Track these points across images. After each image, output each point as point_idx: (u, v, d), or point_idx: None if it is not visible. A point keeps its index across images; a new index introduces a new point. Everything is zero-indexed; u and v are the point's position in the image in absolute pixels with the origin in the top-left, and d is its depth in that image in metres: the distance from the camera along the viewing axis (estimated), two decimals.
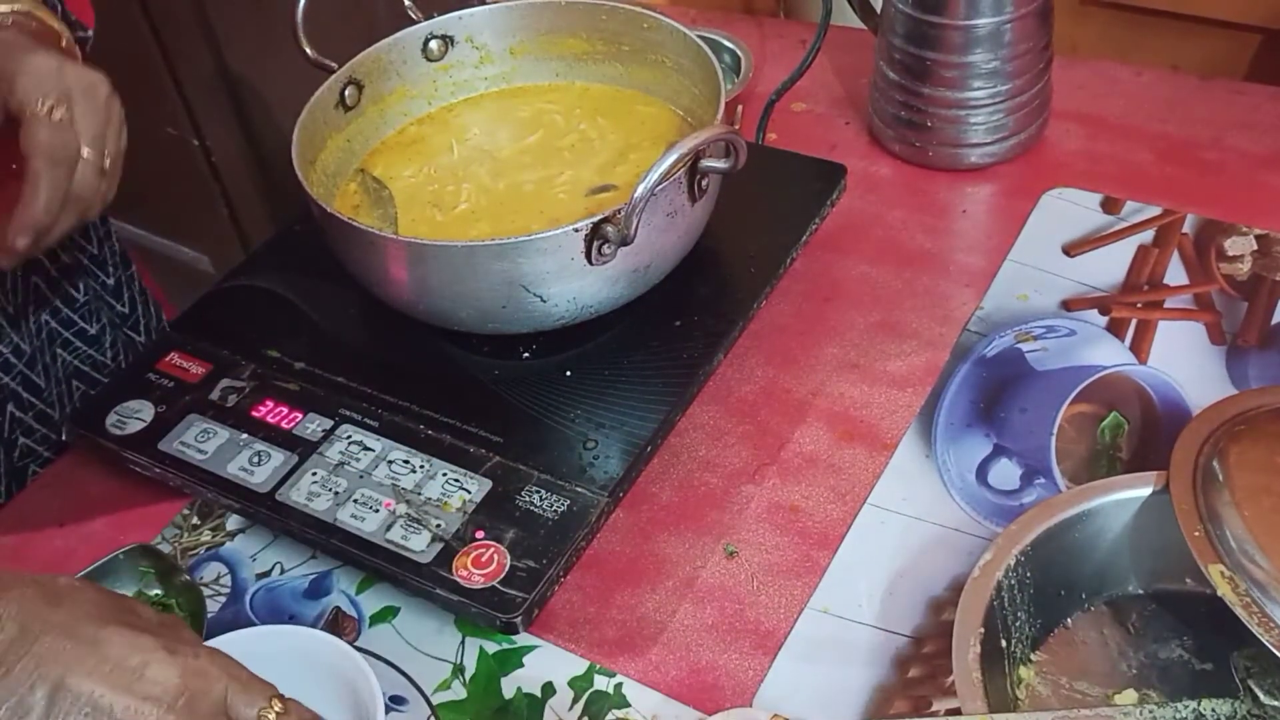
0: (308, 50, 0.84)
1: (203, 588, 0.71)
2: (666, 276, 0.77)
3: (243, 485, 0.72)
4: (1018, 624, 0.62)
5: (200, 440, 0.75)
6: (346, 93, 0.85)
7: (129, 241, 1.89)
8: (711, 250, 0.81)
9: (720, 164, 0.72)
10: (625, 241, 0.69)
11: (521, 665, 0.67)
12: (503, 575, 0.66)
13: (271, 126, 1.66)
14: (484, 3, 0.91)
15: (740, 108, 1.01)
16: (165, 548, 0.74)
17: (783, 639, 0.66)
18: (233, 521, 0.76)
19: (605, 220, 0.69)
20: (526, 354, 0.78)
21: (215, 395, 0.78)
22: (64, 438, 0.82)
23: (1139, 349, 0.78)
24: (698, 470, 0.75)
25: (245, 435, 0.75)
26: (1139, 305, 0.81)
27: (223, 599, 0.72)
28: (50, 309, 0.87)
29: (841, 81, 1.04)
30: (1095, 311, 0.81)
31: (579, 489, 0.70)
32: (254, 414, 0.76)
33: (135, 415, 0.77)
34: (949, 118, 0.91)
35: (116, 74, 0.71)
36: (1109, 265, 0.84)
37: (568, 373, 0.77)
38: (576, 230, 0.69)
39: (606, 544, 0.72)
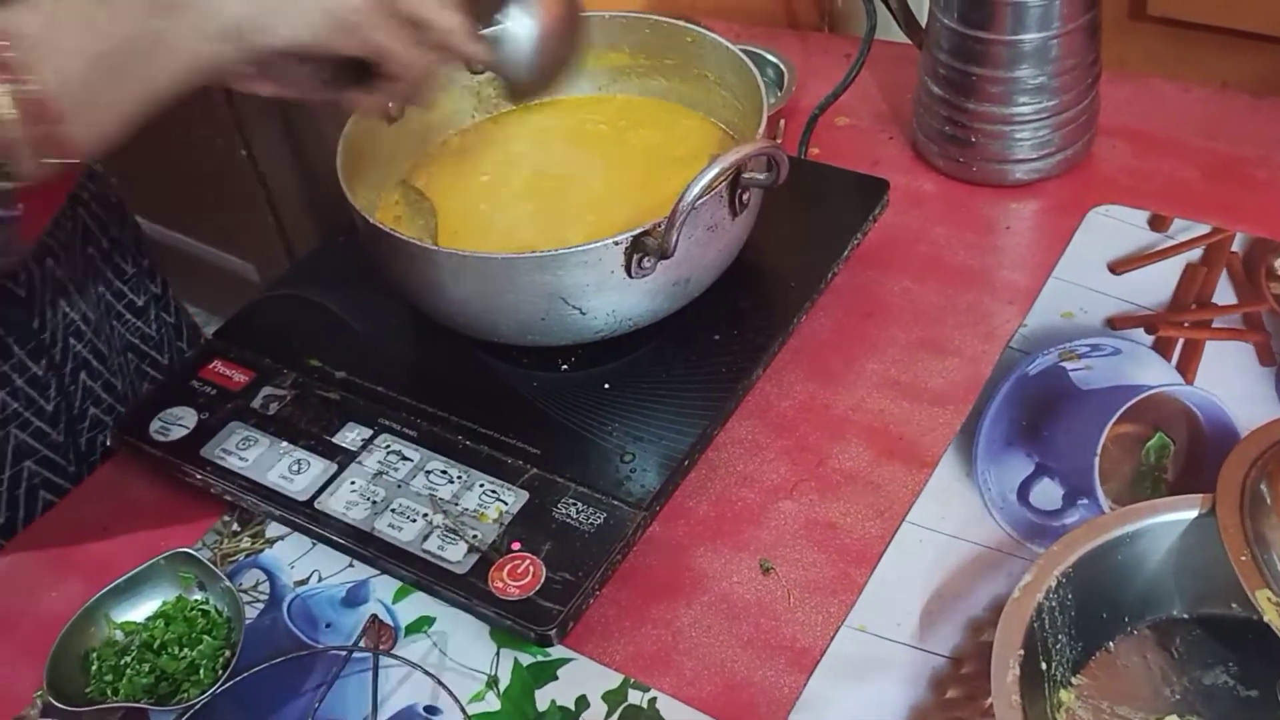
0: None
1: (241, 594, 0.72)
2: (706, 290, 0.77)
3: (282, 493, 0.73)
4: (1058, 646, 0.62)
5: (241, 448, 0.76)
6: (391, 104, 0.85)
7: (175, 250, 1.92)
8: (752, 264, 0.81)
9: (762, 178, 0.72)
10: (665, 255, 0.69)
11: (556, 678, 0.67)
12: (538, 587, 0.66)
13: (317, 138, 1.68)
14: None
15: (783, 122, 1.00)
16: (205, 554, 0.74)
17: (819, 657, 0.66)
18: (272, 529, 0.76)
19: (645, 233, 0.69)
20: (565, 366, 0.78)
21: (257, 403, 0.78)
22: (109, 442, 0.83)
23: (1186, 369, 0.77)
24: (735, 485, 0.75)
25: (285, 443, 0.76)
26: (1186, 324, 0.79)
27: (261, 605, 0.72)
28: (104, 280, 0.90)
29: (885, 96, 1.03)
30: (1141, 330, 0.80)
31: (616, 502, 0.70)
32: (294, 422, 0.77)
33: (179, 422, 0.78)
34: (994, 133, 0.90)
35: None
36: (1156, 283, 0.83)
37: (606, 385, 0.77)
38: (616, 243, 0.69)
39: (642, 557, 0.71)
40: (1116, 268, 0.85)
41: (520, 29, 0.66)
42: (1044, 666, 0.61)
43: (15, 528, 0.81)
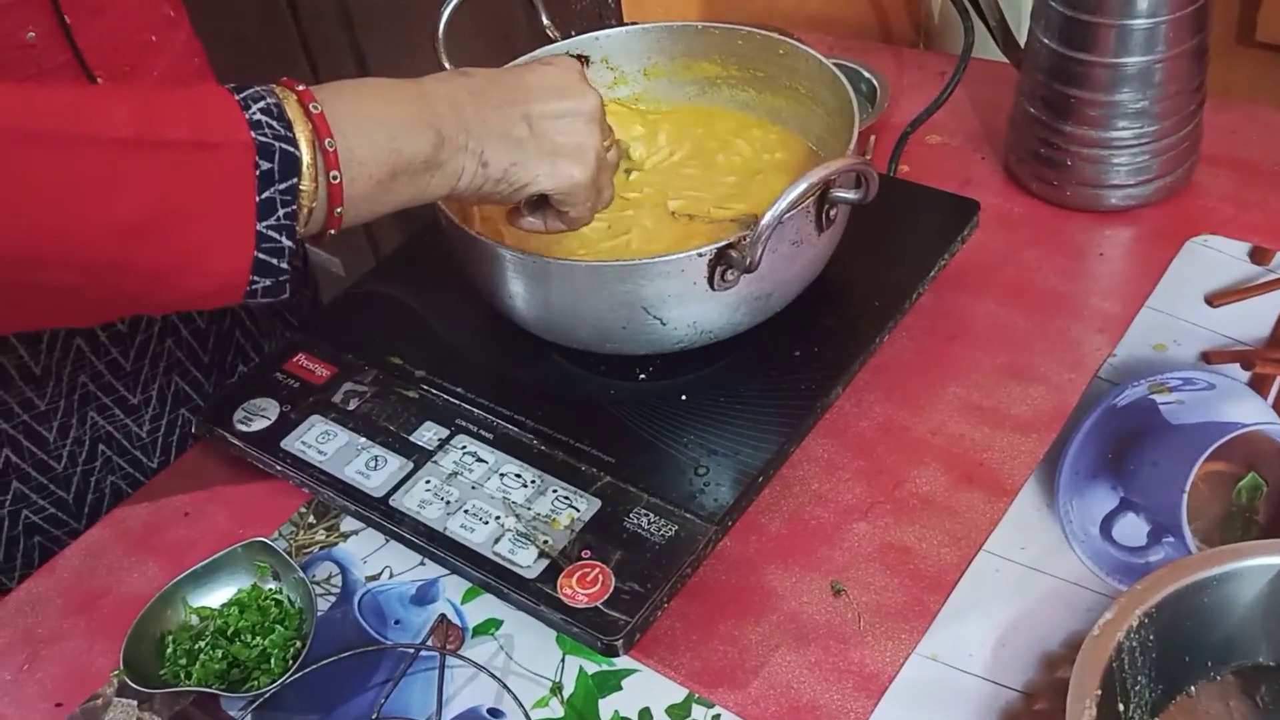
0: (447, 65, 0.85)
1: (314, 586, 0.73)
2: (789, 305, 0.77)
3: (358, 488, 0.74)
4: (1137, 688, 0.60)
5: (321, 441, 0.77)
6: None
7: None
8: (836, 281, 0.80)
9: (850, 195, 0.71)
10: (749, 268, 0.69)
11: (620, 688, 0.67)
12: (607, 596, 0.66)
13: None
14: (622, 24, 0.92)
15: (873, 138, 0.99)
16: (281, 544, 0.75)
17: (887, 683, 0.65)
18: (347, 523, 0.77)
19: (730, 246, 0.69)
20: (643, 375, 0.78)
21: (338, 398, 0.79)
22: (193, 430, 0.85)
23: None
24: (809, 504, 0.74)
25: (364, 439, 0.76)
26: None
27: (333, 598, 0.73)
28: None
29: (979, 115, 1.02)
30: (1237, 366, 0.77)
31: (688, 515, 0.69)
32: (373, 419, 0.78)
33: (261, 413, 0.79)
34: (1090, 157, 0.88)
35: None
36: (1254, 318, 0.80)
37: (683, 397, 0.76)
38: (700, 255, 0.69)
39: (712, 572, 0.71)
40: (1213, 300, 0.82)
41: None
42: (1121, 708, 0.59)
43: None
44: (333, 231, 0.63)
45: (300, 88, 0.61)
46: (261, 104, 0.59)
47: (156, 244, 0.57)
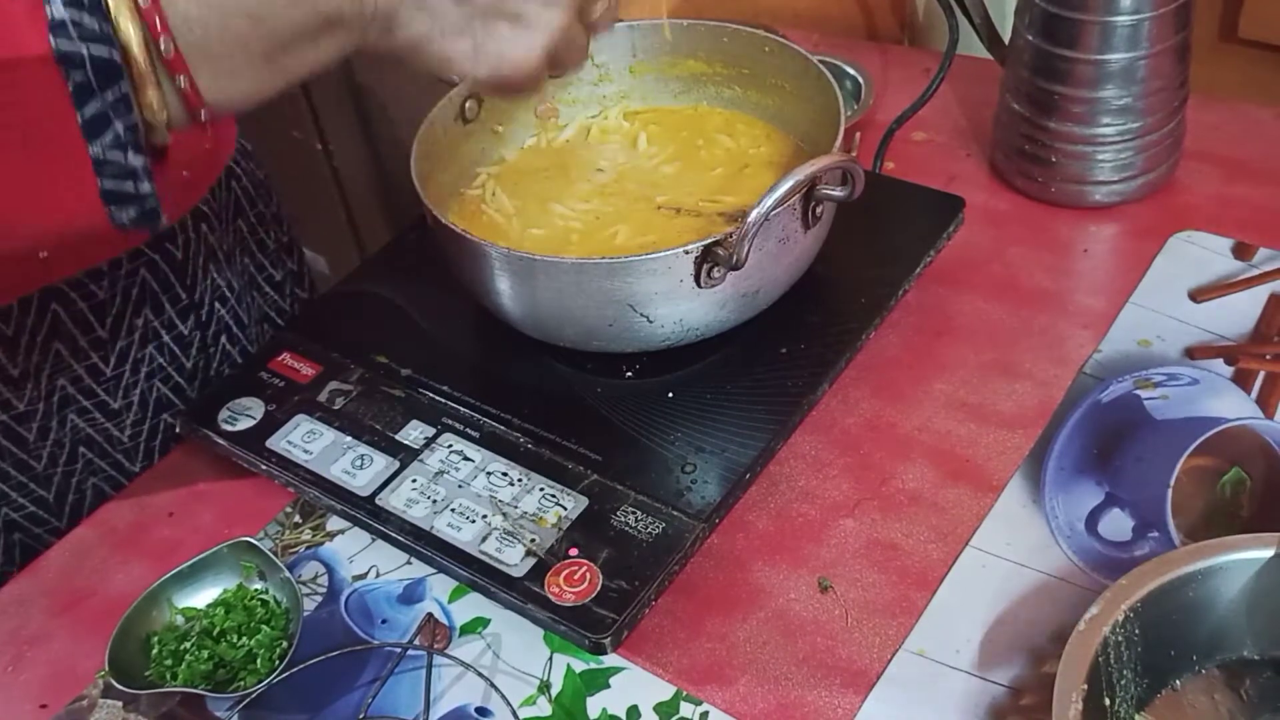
0: None
1: (300, 586, 0.73)
2: (775, 303, 0.77)
3: (344, 488, 0.73)
4: (1123, 682, 0.60)
5: (306, 440, 0.76)
6: (467, 106, 0.86)
7: None
8: (822, 278, 0.80)
9: (836, 192, 0.71)
10: (735, 266, 0.69)
11: (608, 686, 0.67)
12: (594, 594, 0.66)
13: (393, 136, 1.69)
14: None
15: (858, 135, 0.99)
16: (267, 544, 0.75)
17: (875, 679, 0.65)
18: (333, 522, 0.77)
19: (716, 243, 0.69)
20: (630, 373, 0.78)
21: (323, 397, 0.79)
22: (178, 430, 0.84)
23: (1266, 403, 0.75)
24: (796, 500, 0.74)
25: (350, 438, 0.76)
26: (1268, 357, 0.77)
27: (319, 598, 0.73)
28: (249, 252, 0.94)
29: (964, 112, 1.02)
30: (1221, 361, 0.78)
31: (675, 512, 0.69)
32: (359, 417, 0.77)
33: (246, 412, 0.79)
34: (1075, 154, 0.88)
35: None
36: (1238, 314, 0.81)
37: (670, 394, 0.76)
38: (687, 252, 0.69)
39: (699, 569, 0.71)
40: (1197, 296, 0.82)
41: None
42: (1107, 702, 0.59)
43: None
44: (203, 85, 0.51)
45: None
46: None
47: None
